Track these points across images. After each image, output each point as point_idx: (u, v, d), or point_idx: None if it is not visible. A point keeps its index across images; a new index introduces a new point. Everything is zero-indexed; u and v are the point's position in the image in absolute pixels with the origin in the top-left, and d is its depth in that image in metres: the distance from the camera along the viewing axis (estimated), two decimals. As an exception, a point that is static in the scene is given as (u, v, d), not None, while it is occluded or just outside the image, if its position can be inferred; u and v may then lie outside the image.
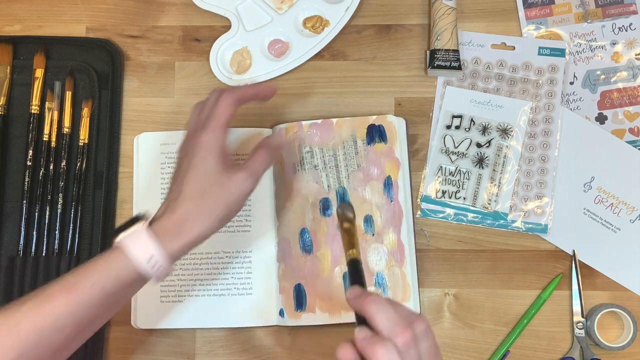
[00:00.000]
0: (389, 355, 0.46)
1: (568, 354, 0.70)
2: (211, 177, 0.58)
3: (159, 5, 0.78)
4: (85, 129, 0.73)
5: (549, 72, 0.74)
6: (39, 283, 0.70)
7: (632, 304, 0.71)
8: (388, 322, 0.48)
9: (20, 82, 0.75)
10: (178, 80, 0.76)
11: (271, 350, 0.71)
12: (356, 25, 0.77)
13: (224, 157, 0.59)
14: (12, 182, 0.73)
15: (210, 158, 0.58)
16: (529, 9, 0.76)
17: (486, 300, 0.71)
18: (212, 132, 0.59)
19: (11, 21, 0.78)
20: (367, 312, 0.49)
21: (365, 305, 0.49)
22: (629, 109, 0.74)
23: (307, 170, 0.72)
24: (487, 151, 0.73)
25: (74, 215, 0.72)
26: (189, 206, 0.57)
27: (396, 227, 0.70)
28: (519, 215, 0.72)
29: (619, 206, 0.72)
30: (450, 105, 0.74)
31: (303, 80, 0.76)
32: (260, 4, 0.76)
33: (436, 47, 0.73)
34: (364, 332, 0.48)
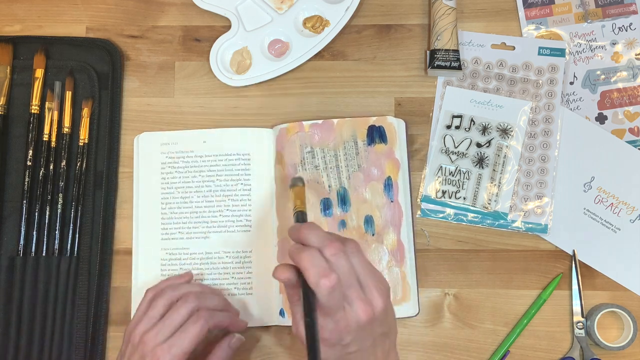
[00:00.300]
0: (312, 258, 0.49)
1: (568, 354, 0.70)
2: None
3: (159, 5, 0.78)
4: (85, 129, 0.73)
5: (549, 72, 0.74)
6: (39, 283, 0.70)
7: (632, 304, 0.71)
8: (318, 238, 0.51)
9: (20, 82, 0.75)
10: (178, 80, 0.76)
11: (271, 350, 0.71)
12: (356, 25, 0.77)
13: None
14: (12, 182, 0.73)
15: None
16: (529, 9, 0.76)
17: (486, 300, 0.71)
18: (173, 358, 0.56)
19: (11, 21, 0.78)
20: (301, 236, 0.52)
21: (300, 231, 0.52)
22: (629, 109, 0.74)
23: (308, 171, 0.72)
24: (487, 151, 0.73)
25: (74, 215, 0.72)
26: None
27: (396, 227, 0.70)
28: (519, 215, 0.72)
29: (619, 206, 0.72)
30: (450, 105, 0.74)
31: (303, 80, 0.76)
32: (260, 4, 0.76)
33: (436, 47, 0.73)
34: (297, 245, 0.51)
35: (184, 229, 0.72)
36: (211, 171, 0.73)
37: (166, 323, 0.58)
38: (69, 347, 0.69)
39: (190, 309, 0.59)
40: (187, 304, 0.59)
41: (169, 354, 0.56)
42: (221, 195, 0.72)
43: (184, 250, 0.72)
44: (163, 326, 0.58)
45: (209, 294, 0.64)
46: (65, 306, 0.70)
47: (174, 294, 0.61)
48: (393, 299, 0.69)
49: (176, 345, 0.57)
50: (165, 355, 0.56)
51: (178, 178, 0.73)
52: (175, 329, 0.58)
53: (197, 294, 0.61)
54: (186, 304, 0.59)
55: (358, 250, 0.52)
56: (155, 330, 0.58)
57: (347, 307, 0.50)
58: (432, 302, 0.71)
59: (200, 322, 0.58)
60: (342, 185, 0.71)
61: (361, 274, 0.51)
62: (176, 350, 0.57)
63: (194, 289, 0.63)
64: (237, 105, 0.76)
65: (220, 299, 0.65)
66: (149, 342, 0.57)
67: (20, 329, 0.69)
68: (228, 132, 0.74)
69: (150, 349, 0.57)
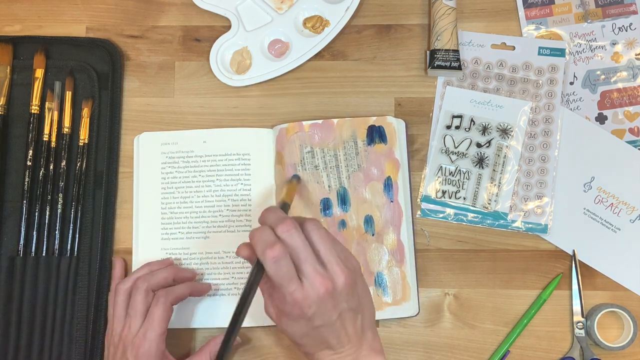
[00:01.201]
0: (260, 233, 0.53)
1: (568, 354, 0.70)
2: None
3: (159, 5, 0.78)
4: (85, 129, 0.73)
5: (549, 72, 0.74)
6: (39, 283, 0.70)
7: (632, 304, 0.71)
8: (274, 218, 0.54)
9: (20, 82, 0.75)
10: (178, 80, 0.76)
11: (271, 350, 0.71)
12: (356, 25, 0.77)
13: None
14: (12, 182, 0.73)
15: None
16: (529, 9, 0.76)
17: (486, 300, 0.71)
18: (150, 343, 0.61)
19: (11, 21, 0.78)
20: (261, 218, 0.55)
21: (262, 214, 0.56)
22: (629, 109, 0.74)
23: (307, 170, 0.72)
24: (487, 151, 0.73)
25: (74, 215, 0.72)
26: None
27: (396, 227, 0.70)
28: (519, 215, 0.72)
29: (619, 206, 0.72)
30: (450, 105, 0.74)
31: (303, 80, 0.76)
32: (260, 4, 0.76)
33: (436, 47, 0.73)
34: None
35: (184, 229, 0.72)
36: (211, 171, 0.73)
37: (131, 315, 0.63)
38: (69, 347, 0.69)
39: (144, 294, 0.63)
40: (139, 290, 0.63)
41: (145, 340, 0.61)
42: (221, 195, 0.72)
43: (184, 250, 0.72)
44: (130, 319, 0.62)
45: (158, 270, 0.66)
46: (65, 306, 0.70)
47: (126, 286, 0.64)
48: (393, 299, 0.69)
49: (149, 330, 0.61)
50: (144, 343, 0.61)
51: (178, 178, 0.73)
52: (142, 317, 0.62)
53: (145, 277, 0.65)
54: (138, 290, 0.63)
55: (318, 228, 0.54)
56: (127, 325, 0.62)
57: (304, 280, 0.52)
58: (432, 302, 0.71)
59: (160, 302, 0.63)
60: (342, 185, 0.71)
61: (322, 250, 0.54)
62: (150, 334, 0.61)
63: (141, 272, 0.66)
64: (237, 105, 0.76)
65: (170, 271, 0.66)
66: (125, 337, 0.62)
67: (20, 329, 0.69)
68: (228, 132, 0.74)
69: (130, 342, 0.61)
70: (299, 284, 0.52)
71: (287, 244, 0.52)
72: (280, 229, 0.53)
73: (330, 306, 0.53)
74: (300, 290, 0.52)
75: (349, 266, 0.54)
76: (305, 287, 0.52)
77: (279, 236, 0.53)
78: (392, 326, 0.71)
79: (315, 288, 0.52)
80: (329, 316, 0.53)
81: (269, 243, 0.52)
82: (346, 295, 0.53)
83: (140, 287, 0.63)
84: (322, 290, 0.52)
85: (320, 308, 0.52)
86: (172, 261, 0.71)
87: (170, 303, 0.64)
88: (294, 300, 0.52)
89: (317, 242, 0.54)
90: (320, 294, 0.52)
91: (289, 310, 0.52)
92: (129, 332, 0.62)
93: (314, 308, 0.52)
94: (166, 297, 0.63)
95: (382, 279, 0.69)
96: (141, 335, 0.61)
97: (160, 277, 0.65)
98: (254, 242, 0.53)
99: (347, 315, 0.54)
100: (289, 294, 0.52)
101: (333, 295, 0.52)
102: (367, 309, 0.56)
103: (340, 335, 0.54)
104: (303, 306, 0.52)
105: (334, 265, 0.53)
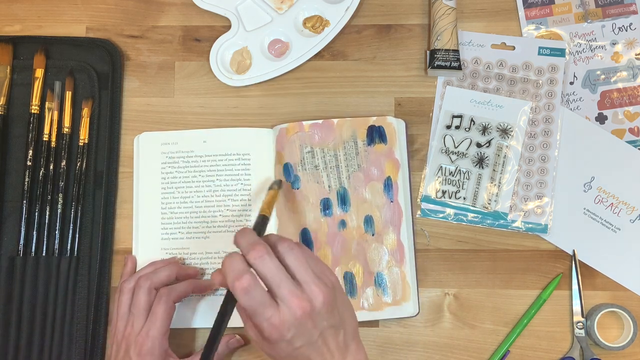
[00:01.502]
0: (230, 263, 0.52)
1: (568, 354, 0.70)
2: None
3: (159, 5, 0.78)
4: (85, 129, 0.73)
5: (549, 72, 0.74)
6: (39, 283, 0.70)
7: (632, 304, 0.71)
8: (245, 243, 0.53)
9: (20, 82, 0.75)
10: (178, 80, 0.76)
11: (271, 350, 0.71)
12: (356, 25, 0.77)
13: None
14: (12, 182, 0.73)
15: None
16: (529, 8, 0.76)
17: (486, 300, 0.71)
18: (153, 341, 0.61)
19: (11, 21, 0.78)
20: (235, 241, 0.54)
21: (235, 237, 0.54)
22: (629, 109, 0.74)
23: (307, 170, 0.72)
24: (487, 151, 0.73)
25: (74, 215, 0.72)
26: None
27: (396, 227, 0.70)
28: (519, 215, 0.72)
29: (619, 206, 0.72)
30: (450, 105, 0.74)
31: (303, 80, 0.76)
32: (260, 4, 0.76)
33: (436, 47, 0.73)
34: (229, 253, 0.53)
35: (184, 229, 0.72)
36: (211, 171, 0.73)
37: (134, 313, 0.63)
38: (69, 347, 0.69)
39: (146, 292, 0.63)
40: (141, 289, 0.64)
41: (148, 338, 0.61)
42: (221, 195, 0.72)
43: (184, 250, 0.72)
44: (133, 317, 0.63)
45: (161, 268, 0.66)
46: (65, 306, 0.70)
47: (130, 285, 0.65)
48: (393, 299, 0.69)
49: (152, 328, 0.62)
50: (147, 340, 0.61)
51: (178, 178, 0.73)
52: (145, 315, 0.63)
53: (148, 275, 0.65)
54: (141, 289, 0.64)
55: (292, 248, 0.53)
56: (130, 323, 0.63)
57: (281, 304, 0.51)
58: (432, 302, 0.71)
59: (163, 301, 0.63)
60: (342, 185, 0.71)
61: (297, 271, 0.53)
62: (153, 333, 0.62)
63: (145, 271, 0.67)
64: (237, 105, 0.76)
65: (173, 268, 0.67)
66: (128, 335, 0.62)
67: (20, 329, 0.69)
68: (228, 132, 0.74)
69: (133, 339, 0.62)
70: (276, 308, 0.51)
71: (259, 271, 0.52)
72: (251, 256, 0.52)
73: (310, 326, 0.52)
74: (277, 314, 0.51)
75: (327, 283, 0.53)
76: (282, 311, 0.51)
77: (251, 263, 0.52)
78: (392, 326, 0.71)
79: (293, 310, 0.51)
80: (310, 336, 0.52)
81: (238, 274, 0.51)
82: (326, 314, 0.52)
83: (142, 286, 0.64)
84: (300, 313, 0.51)
85: (299, 330, 0.51)
86: (177, 259, 0.71)
87: (173, 301, 0.64)
88: (272, 325, 0.51)
89: (292, 263, 0.53)
90: (298, 316, 0.51)
91: (268, 335, 0.52)
92: (132, 330, 0.62)
93: (292, 331, 0.51)
94: (168, 295, 0.64)
95: (382, 279, 0.69)
96: (144, 334, 0.62)
97: (163, 275, 0.65)
98: (224, 272, 0.52)
99: (328, 332, 0.53)
100: (266, 320, 0.51)
101: (312, 316, 0.52)
102: (348, 322, 0.56)
103: (324, 353, 0.53)
104: (282, 330, 0.51)
105: (311, 285, 0.52)
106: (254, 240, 0.53)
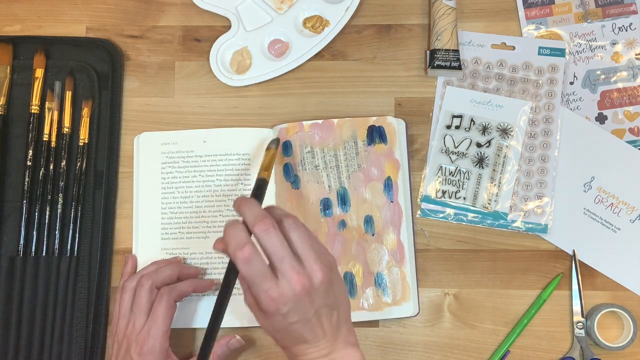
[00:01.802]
0: (233, 232, 0.52)
1: (568, 354, 0.70)
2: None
3: (159, 5, 0.78)
4: (85, 129, 0.73)
5: (549, 72, 0.74)
6: (39, 283, 0.70)
7: (632, 304, 0.71)
8: (251, 215, 0.53)
9: (20, 82, 0.75)
10: (178, 80, 0.76)
11: (271, 350, 0.71)
12: (356, 25, 0.77)
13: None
14: (12, 182, 0.73)
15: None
16: (529, 8, 0.76)
17: (486, 300, 0.71)
18: (154, 340, 0.61)
19: (11, 21, 0.78)
20: (238, 210, 0.54)
21: (239, 205, 0.55)
22: (629, 108, 0.74)
23: (307, 170, 0.72)
24: (487, 151, 0.73)
25: (74, 215, 0.72)
26: None
27: (396, 227, 0.70)
28: (519, 215, 0.72)
29: (619, 206, 0.72)
30: (450, 105, 0.74)
31: (303, 80, 0.76)
32: (260, 4, 0.76)
33: (436, 47, 0.73)
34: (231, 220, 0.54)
35: (184, 229, 0.72)
36: (211, 171, 0.73)
37: (136, 312, 0.63)
38: (69, 347, 0.69)
39: (148, 291, 0.64)
40: (143, 288, 0.64)
41: (150, 337, 0.62)
42: (221, 195, 0.72)
43: (184, 250, 0.72)
44: (135, 316, 0.63)
45: (163, 268, 0.66)
46: (65, 306, 0.70)
47: (132, 284, 0.65)
48: (393, 299, 0.69)
49: (153, 327, 0.62)
50: (148, 339, 0.61)
51: (178, 178, 0.73)
52: (146, 314, 0.63)
53: (150, 274, 0.65)
54: (142, 287, 0.64)
55: (297, 226, 0.54)
56: (131, 322, 0.63)
57: (280, 277, 0.52)
58: (432, 302, 0.71)
59: (164, 300, 0.63)
60: (342, 185, 0.71)
61: (300, 247, 0.53)
62: (155, 331, 0.62)
63: (147, 270, 0.67)
64: (237, 105, 0.76)
65: (174, 267, 0.67)
66: (130, 334, 0.63)
67: (20, 329, 0.69)
68: (228, 132, 0.74)
69: (134, 338, 0.62)
70: (275, 281, 0.52)
71: (264, 244, 0.52)
72: (257, 229, 0.52)
73: (306, 303, 0.53)
74: (276, 288, 0.52)
75: (325, 263, 0.54)
76: (281, 285, 0.52)
77: (257, 236, 0.52)
78: (392, 326, 0.71)
79: (292, 285, 0.52)
80: (305, 313, 0.53)
81: (240, 243, 0.52)
82: (323, 292, 0.53)
83: (144, 285, 0.64)
84: (299, 288, 0.52)
85: (296, 305, 0.52)
86: (179, 259, 0.71)
87: (174, 300, 0.64)
88: (269, 298, 0.52)
89: (296, 240, 0.54)
90: (297, 291, 0.52)
91: (265, 307, 0.52)
92: (133, 329, 0.62)
93: (289, 305, 0.52)
94: (169, 294, 0.64)
95: (382, 279, 0.69)
96: (145, 332, 0.62)
97: (165, 274, 0.66)
98: (226, 240, 0.53)
99: (323, 311, 0.54)
100: (264, 291, 0.52)
101: (310, 293, 0.52)
102: (342, 304, 0.57)
103: (316, 331, 0.54)
104: (279, 303, 0.52)
105: (312, 263, 0.53)
106: (261, 214, 0.53)
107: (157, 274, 0.65)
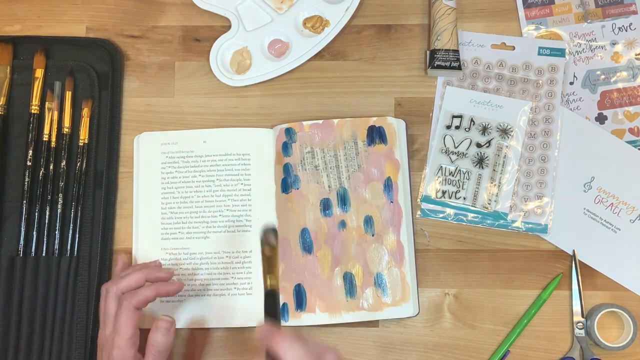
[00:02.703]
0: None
1: (568, 354, 0.70)
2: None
3: (159, 5, 0.78)
4: (85, 129, 0.73)
5: (549, 72, 0.74)
6: (39, 283, 0.70)
7: (632, 304, 0.71)
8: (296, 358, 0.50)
9: (20, 82, 0.75)
10: (178, 80, 0.76)
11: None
12: (356, 25, 0.77)
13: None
14: (12, 182, 0.73)
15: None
16: (529, 9, 0.76)
17: (486, 300, 0.71)
18: (118, 349, 0.61)
19: (11, 21, 0.78)
20: (277, 352, 0.51)
21: (275, 344, 0.51)
22: (629, 109, 0.74)
23: (307, 171, 0.72)
24: (487, 151, 0.73)
25: (74, 215, 0.72)
26: None
27: (396, 227, 0.70)
28: (519, 215, 0.72)
29: (619, 206, 0.72)
30: (450, 105, 0.74)
31: (303, 80, 0.76)
32: (260, 4, 0.76)
33: (436, 47, 0.73)
34: None
35: (184, 229, 0.72)
36: (211, 171, 0.73)
37: (104, 320, 0.64)
38: (69, 347, 0.69)
39: (113, 297, 0.64)
40: (108, 295, 0.64)
41: (114, 347, 0.62)
42: (221, 195, 0.72)
43: (184, 250, 0.72)
44: (103, 324, 0.64)
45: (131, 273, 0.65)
46: (65, 306, 0.70)
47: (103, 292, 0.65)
48: (392, 299, 0.69)
49: (116, 337, 0.62)
50: (113, 349, 0.61)
51: (178, 178, 0.73)
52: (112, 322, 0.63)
53: (115, 281, 0.65)
54: (108, 294, 0.64)
55: None
56: (102, 329, 0.64)
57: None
58: (432, 302, 0.71)
59: (124, 307, 0.62)
60: (342, 185, 0.71)
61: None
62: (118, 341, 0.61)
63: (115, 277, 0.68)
64: (237, 105, 0.76)
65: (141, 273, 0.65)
66: (102, 341, 0.64)
67: (20, 329, 0.69)
68: (228, 132, 0.74)
69: (109, 342, 0.62)
70: None
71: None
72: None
73: None
74: None
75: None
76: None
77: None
78: (392, 326, 0.71)
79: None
80: None
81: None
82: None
83: (110, 292, 0.64)
84: None
85: None
86: (154, 263, 0.70)
87: (134, 306, 0.62)
88: None
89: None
90: None
91: None
92: (103, 336, 0.63)
93: None
94: (129, 301, 0.62)
95: (381, 280, 0.69)
96: (111, 342, 0.62)
97: (132, 280, 0.64)
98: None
99: None
100: None
101: None
102: None
103: None
104: None
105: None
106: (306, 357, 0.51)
107: (122, 281, 0.64)
